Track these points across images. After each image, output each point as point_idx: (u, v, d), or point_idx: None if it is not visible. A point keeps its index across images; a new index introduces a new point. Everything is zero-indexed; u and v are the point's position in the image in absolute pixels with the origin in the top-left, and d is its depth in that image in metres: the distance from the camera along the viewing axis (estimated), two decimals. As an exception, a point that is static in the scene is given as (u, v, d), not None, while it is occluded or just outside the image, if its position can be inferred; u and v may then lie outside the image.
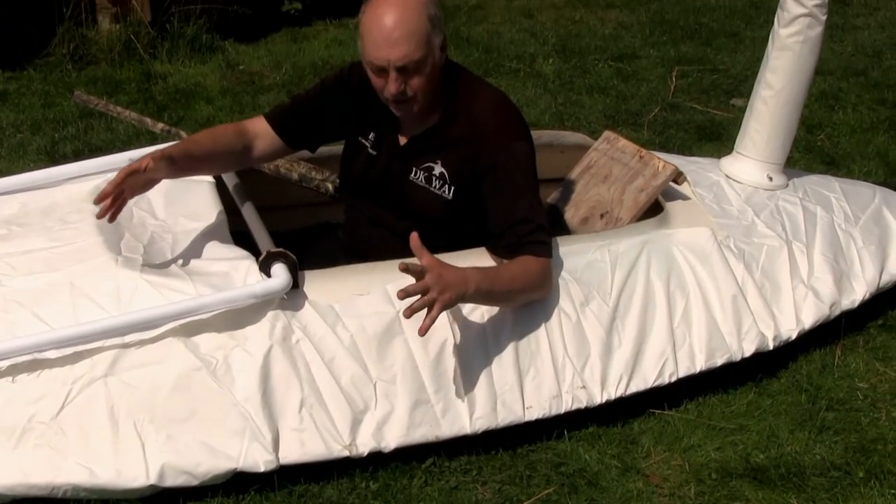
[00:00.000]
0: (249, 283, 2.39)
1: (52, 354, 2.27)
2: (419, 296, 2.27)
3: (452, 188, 2.58)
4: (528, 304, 2.58)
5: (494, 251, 2.59)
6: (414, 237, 2.30)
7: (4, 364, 2.25)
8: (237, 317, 2.37)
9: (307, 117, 2.72)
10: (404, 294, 2.26)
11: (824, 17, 3.07)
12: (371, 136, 2.68)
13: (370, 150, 2.68)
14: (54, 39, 5.50)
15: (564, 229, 3.04)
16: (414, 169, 2.61)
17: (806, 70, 3.15)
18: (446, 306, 2.32)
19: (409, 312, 2.27)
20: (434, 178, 2.59)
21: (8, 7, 5.46)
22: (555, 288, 2.62)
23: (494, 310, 2.55)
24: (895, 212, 3.35)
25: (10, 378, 2.27)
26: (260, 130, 2.70)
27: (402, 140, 2.64)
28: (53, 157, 4.27)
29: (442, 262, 2.34)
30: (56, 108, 4.91)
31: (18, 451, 2.23)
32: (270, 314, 2.39)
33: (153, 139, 3.37)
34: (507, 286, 2.49)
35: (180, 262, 2.49)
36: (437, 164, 2.59)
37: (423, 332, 2.29)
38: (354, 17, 6.56)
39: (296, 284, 2.42)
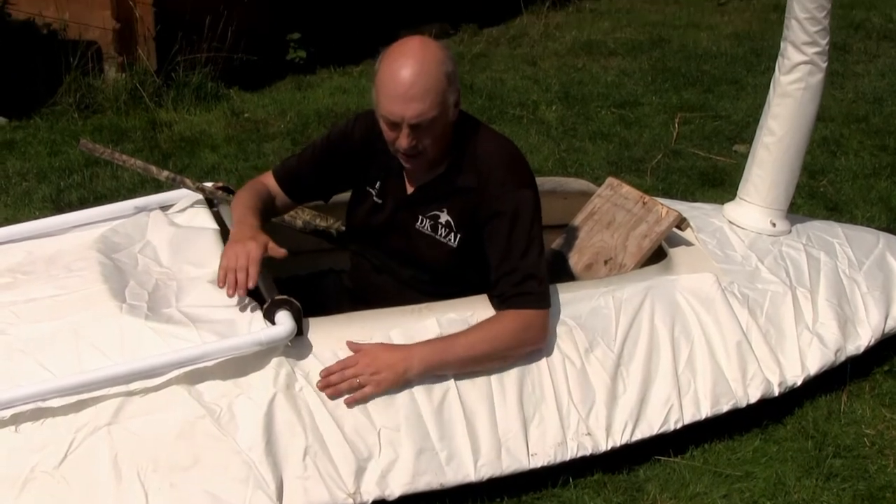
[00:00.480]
0: (254, 331, 2.39)
1: (55, 403, 2.26)
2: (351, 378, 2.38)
3: (458, 236, 2.59)
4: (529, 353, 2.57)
5: (491, 301, 2.58)
6: (349, 343, 2.42)
7: (8, 413, 2.25)
8: (241, 364, 2.37)
9: (312, 175, 2.76)
10: (326, 381, 2.37)
11: (825, 65, 3.09)
12: (377, 184, 2.69)
13: (375, 199, 2.69)
14: (61, 88, 5.55)
15: (568, 275, 3.04)
16: (420, 217, 2.62)
17: (807, 116, 3.17)
18: (382, 387, 2.39)
19: (333, 392, 2.37)
20: (440, 227, 2.60)
21: (15, 57, 5.51)
22: (559, 334, 2.62)
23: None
24: (899, 257, 3.35)
25: (13, 427, 2.26)
26: (272, 188, 2.76)
27: (409, 188, 2.64)
28: (59, 205, 4.29)
29: (382, 344, 2.43)
30: (62, 156, 4.94)
31: (21, 501, 2.20)
32: (274, 361, 2.39)
33: (158, 187, 3.38)
34: (465, 354, 2.47)
35: (185, 309, 2.49)
36: (443, 212, 2.59)
37: (348, 404, 2.39)
38: (358, 65, 6.70)
39: (300, 332, 2.42)
